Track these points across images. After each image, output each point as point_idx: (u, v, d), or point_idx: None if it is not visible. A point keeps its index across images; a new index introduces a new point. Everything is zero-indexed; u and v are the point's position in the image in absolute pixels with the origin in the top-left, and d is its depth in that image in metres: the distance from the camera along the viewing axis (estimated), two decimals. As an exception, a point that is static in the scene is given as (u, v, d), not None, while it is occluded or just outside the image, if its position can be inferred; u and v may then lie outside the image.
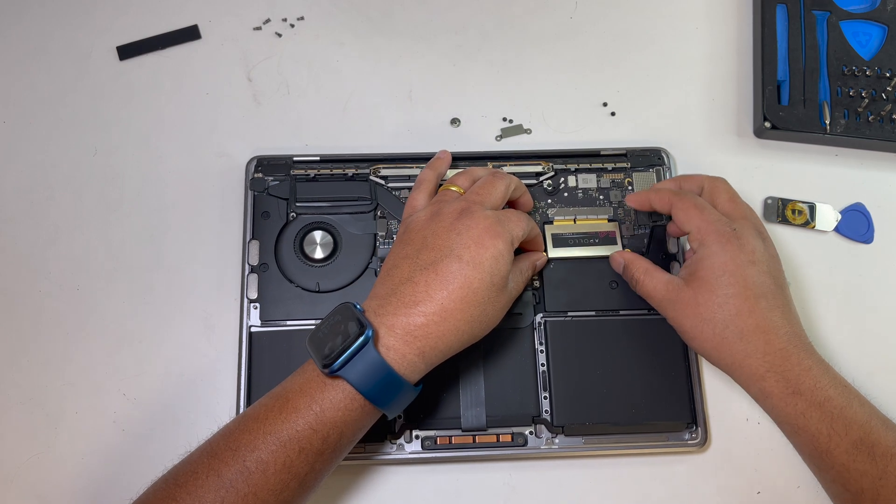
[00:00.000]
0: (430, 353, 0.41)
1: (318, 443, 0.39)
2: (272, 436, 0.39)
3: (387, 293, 0.42)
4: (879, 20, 0.59)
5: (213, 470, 0.38)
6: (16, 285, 0.52)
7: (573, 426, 0.49)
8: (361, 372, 0.39)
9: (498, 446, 0.49)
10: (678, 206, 0.47)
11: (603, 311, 0.51)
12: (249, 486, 0.38)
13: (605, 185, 0.54)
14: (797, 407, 0.42)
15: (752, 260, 0.44)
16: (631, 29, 0.61)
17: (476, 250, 0.42)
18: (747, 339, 0.43)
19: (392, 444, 0.49)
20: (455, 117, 0.58)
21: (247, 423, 0.40)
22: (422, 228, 0.45)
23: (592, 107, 0.59)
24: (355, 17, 0.60)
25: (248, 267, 0.51)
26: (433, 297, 0.41)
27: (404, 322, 0.40)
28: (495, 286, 0.43)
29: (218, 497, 0.38)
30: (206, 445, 0.40)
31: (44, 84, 0.57)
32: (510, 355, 0.50)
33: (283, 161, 0.54)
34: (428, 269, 0.42)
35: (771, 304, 0.44)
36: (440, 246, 0.43)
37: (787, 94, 0.57)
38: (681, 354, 0.50)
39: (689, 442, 0.49)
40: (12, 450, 0.49)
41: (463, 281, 0.41)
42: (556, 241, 0.53)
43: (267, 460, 0.38)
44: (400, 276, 0.42)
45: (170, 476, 0.40)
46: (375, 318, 0.41)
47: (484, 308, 0.42)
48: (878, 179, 0.57)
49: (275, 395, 0.41)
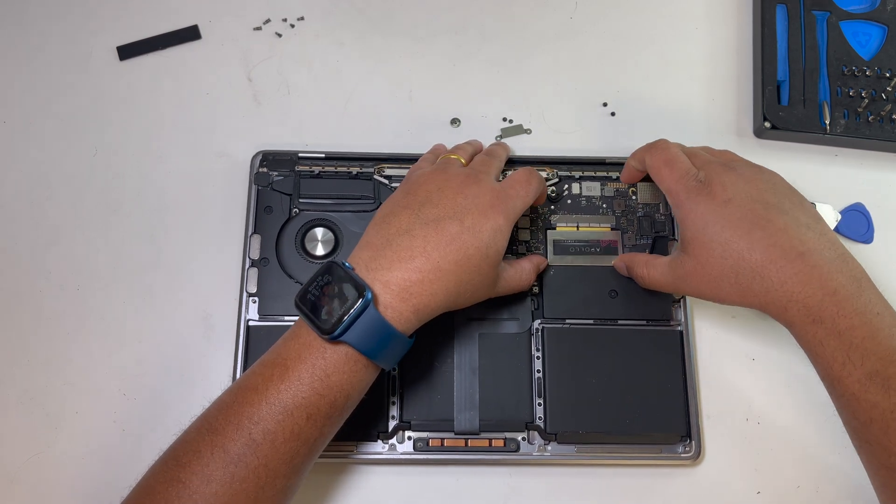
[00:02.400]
0: (423, 310, 0.40)
1: (325, 408, 0.39)
2: (277, 405, 0.38)
3: (381, 243, 0.41)
4: (879, 20, 0.59)
5: (217, 446, 0.38)
6: (16, 285, 0.52)
7: (566, 434, 0.48)
8: (363, 334, 0.39)
9: (490, 451, 0.48)
10: (649, 165, 0.48)
11: (601, 320, 0.51)
12: (259, 458, 0.37)
13: (609, 194, 0.54)
14: (816, 335, 0.41)
15: (725, 199, 0.43)
16: (631, 29, 0.61)
17: (478, 218, 0.42)
18: (761, 274, 0.41)
19: (384, 444, 0.48)
20: (455, 117, 0.58)
21: (246, 395, 0.39)
22: (426, 183, 0.44)
23: (592, 107, 0.59)
24: (355, 17, 0.60)
25: (248, 261, 0.51)
26: (430, 254, 0.40)
27: (400, 278, 0.40)
28: (489, 258, 0.42)
29: (228, 473, 0.37)
30: (203, 422, 0.39)
31: (44, 84, 0.57)
32: (506, 360, 0.50)
33: (288, 157, 0.54)
34: (429, 225, 0.41)
35: (767, 231, 0.42)
36: (445, 205, 0.42)
37: (787, 94, 0.57)
38: (678, 367, 0.50)
39: (683, 455, 0.49)
40: (12, 450, 0.49)
41: (460, 244, 0.41)
42: (557, 248, 0.52)
43: (275, 430, 0.38)
44: (398, 226, 0.42)
45: (169, 458, 0.39)
46: (368, 273, 0.40)
47: (472, 277, 0.42)
48: (878, 179, 0.57)
49: (270, 364, 0.40)
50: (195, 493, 0.37)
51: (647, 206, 0.54)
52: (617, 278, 0.52)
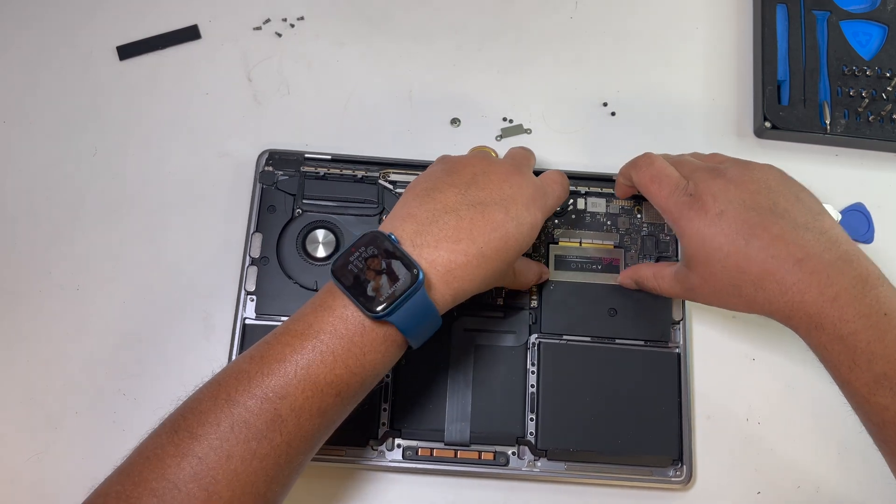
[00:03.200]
0: (460, 294, 0.39)
1: (356, 386, 0.37)
2: (307, 381, 0.36)
3: (427, 219, 0.39)
4: (879, 20, 0.59)
5: (238, 419, 0.35)
6: (16, 285, 0.52)
7: (557, 451, 0.48)
8: (409, 315, 0.37)
9: (479, 463, 0.48)
10: (637, 183, 0.47)
11: (599, 338, 0.50)
12: (283, 434, 0.35)
13: (614, 211, 0.54)
14: (819, 340, 0.40)
15: (718, 212, 0.42)
16: (631, 29, 0.61)
17: (522, 210, 0.41)
18: (762, 286, 0.41)
19: (373, 450, 0.48)
20: (455, 117, 0.58)
21: (271, 366, 0.36)
22: (471, 165, 0.43)
23: (592, 107, 0.58)
24: (355, 17, 0.60)
25: (248, 259, 0.51)
26: (475, 239, 0.39)
27: (446, 259, 0.38)
28: (519, 251, 0.42)
29: (249, 450, 0.34)
30: (220, 391, 0.36)
31: (44, 84, 0.57)
32: (501, 373, 0.49)
33: (294, 157, 0.54)
34: (476, 208, 0.40)
35: (763, 241, 0.41)
36: (491, 190, 0.41)
37: (787, 94, 0.57)
38: (674, 389, 0.49)
39: (673, 479, 0.48)
40: (12, 450, 0.49)
41: (504, 233, 0.40)
42: (558, 263, 0.52)
43: (301, 406, 0.36)
44: (444, 203, 0.40)
45: (180, 426, 0.35)
46: (414, 249, 0.38)
47: (504, 266, 0.41)
48: (878, 179, 0.57)
49: (300, 335, 0.37)
50: (213, 470, 0.34)
51: (651, 226, 0.53)
52: (617, 296, 0.51)
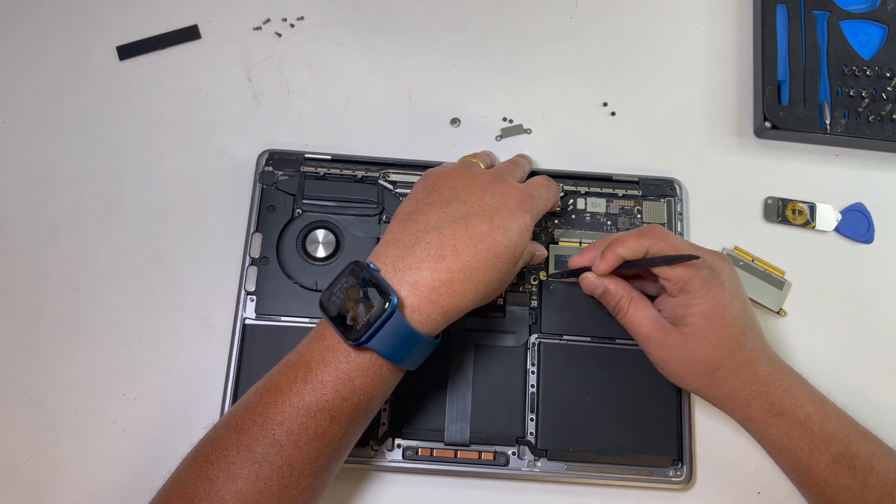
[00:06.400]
0: (451, 311, 0.40)
1: (349, 410, 0.39)
2: (300, 407, 0.38)
3: (409, 241, 0.40)
4: (879, 20, 0.59)
5: (243, 445, 0.38)
6: (16, 285, 0.52)
7: (557, 451, 0.48)
8: (388, 340, 0.38)
9: (479, 463, 0.48)
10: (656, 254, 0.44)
11: (599, 338, 0.50)
12: (283, 458, 0.38)
13: (614, 211, 0.54)
14: (780, 427, 0.43)
15: (733, 294, 0.44)
16: (631, 29, 0.61)
17: (508, 217, 0.42)
18: (738, 374, 0.43)
19: (373, 450, 0.48)
20: (455, 117, 0.58)
21: (269, 395, 0.39)
22: (451, 180, 0.43)
23: (592, 107, 0.58)
24: (355, 17, 0.60)
25: (248, 259, 0.51)
26: (460, 253, 0.40)
27: (429, 279, 0.39)
28: (514, 257, 0.42)
29: (252, 471, 0.37)
30: (231, 420, 0.39)
31: (44, 84, 0.57)
32: (501, 373, 0.49)
33: (294, 157, 0.54)
34: (458, 223, 0.40)
35: (754, 334, 0.44)
36: (473, 203, 0.42)
37: (787, 94, 0.57)
38: (674, 389, 0.49)
39: (674, 479, 0.48)
40: (12, 450, 0.49)
41: (490, 243, 0.40)
42: (558, 263, 0.52)
43: (298, 432, 0.38)
44: (426, 224, 0.41)
45: (199, 453, 0.39)
46: (396, 273, 0.39)
47: (500, 275, 0.42)
48: (878, 179, 0.57)
49: (294, 364, 0.39)
50: (221, 490, 0.37)
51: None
52: None
